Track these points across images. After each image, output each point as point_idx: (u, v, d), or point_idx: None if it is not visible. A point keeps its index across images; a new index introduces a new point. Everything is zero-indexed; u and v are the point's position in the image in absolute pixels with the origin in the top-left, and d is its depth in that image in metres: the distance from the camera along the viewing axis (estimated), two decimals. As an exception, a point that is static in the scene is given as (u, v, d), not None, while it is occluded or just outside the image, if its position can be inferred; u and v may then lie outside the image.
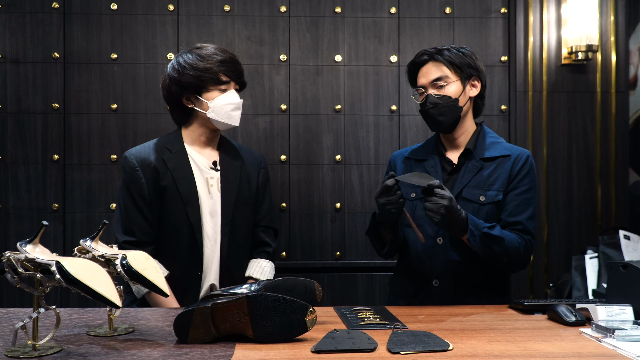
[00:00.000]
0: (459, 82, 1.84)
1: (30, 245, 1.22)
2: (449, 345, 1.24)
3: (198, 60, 1.92)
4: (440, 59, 1.85)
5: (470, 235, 1.68)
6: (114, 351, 1.23)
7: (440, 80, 1.83)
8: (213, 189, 1.97)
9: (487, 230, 1.70)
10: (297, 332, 1.29)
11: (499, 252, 1.71)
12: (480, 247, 1.70)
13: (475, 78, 1.87)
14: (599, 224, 2.81)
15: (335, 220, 2.79)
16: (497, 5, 2.84)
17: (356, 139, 2.81)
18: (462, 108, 1.84)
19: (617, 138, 2.82)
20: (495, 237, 1.70)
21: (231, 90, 1.97)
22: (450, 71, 1.84)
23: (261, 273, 2.02)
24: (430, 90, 1.85)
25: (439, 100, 1.82)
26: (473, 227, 1.68)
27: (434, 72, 1.85)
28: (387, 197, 1.68)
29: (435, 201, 1.62)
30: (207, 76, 1.91)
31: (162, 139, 2.03)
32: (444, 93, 1.83)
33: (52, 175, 2.71)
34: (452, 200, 1.63)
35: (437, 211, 1.61)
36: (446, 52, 1.85)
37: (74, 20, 2.73)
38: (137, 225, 1.91)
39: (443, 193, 1.62)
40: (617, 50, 2.82)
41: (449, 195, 1.63)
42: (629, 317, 1.42)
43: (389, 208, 1.68)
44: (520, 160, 1.83)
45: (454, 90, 1.83)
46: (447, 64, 1.84)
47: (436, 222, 1.63)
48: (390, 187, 1.67)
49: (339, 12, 2.80)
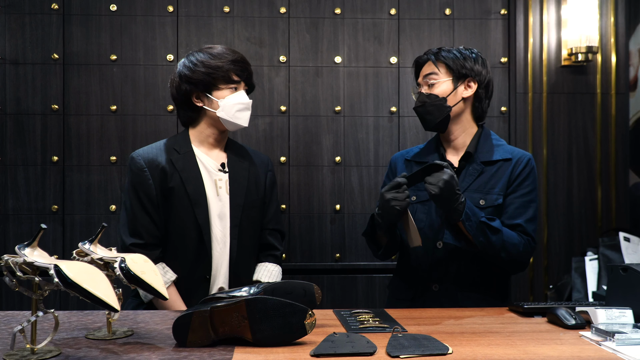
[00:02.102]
0: (450, 82, 1.84)
1: (28, 249, 1.22)
2: (449, 349, 1.24)
3: (210, 59, 1.92)
4: (434, 58, 1.86)
5: (466, 219, 1.68)
6: (113, 355, 1.23)
7: (431, 75, 1.85)
8: (222, 191, 1.95)
9: (485, 219, 1.70)
10: (296, 336, 1.29)
11: (497, 243, 1.70)
12: (475, 233, 1.69)
13: (470, 79, 1.86)
14: (599, 226, 2.80)
15: (335, 222, 2.79)
16: (497, 6, 2.84)
17: (356, 141, 2.80)
18: (450, 108, 1.84)
19: (617, 139, 2.82)
20: (493, 228, 1.70)
21: (241, 90, 1.96)
22: (441, 70, 1.85)
23: (269, 277, 2.00)
24: (422, 89, 1.87)
25: (427, 98, 1.84)
26: (470, 212, 1.69)
27: (426, 70, 1.88)
28: (395, 194, 1.68)
29: (436, 175, 1.66)
30: (219, 74, 1.91)
31: (170, 140, 2.00)
32: (431, 92, 1.84)
33: (52, 177, 2.71)
34: (454, 178, 1.66)
35: (436, 184, 1.65)
36: (445, 52, 1.86)
37: (73, 21, 2.72)
38: (144, 227, 1.88)
39: (446, 170, 1.66)
40: (617, 52, 2.82)
41: (451, 173, 1.66)
42: (629, 320, 1.42)
43: (394, 205, 1.68)
44: (521, 163, 1.82)
45: (443, 90, 1.84)
46: (440, 63, 1.85)
47: (433, 194, 1.66)
48: (401, 184, 1.69)
49: (339, 13, 2.80)
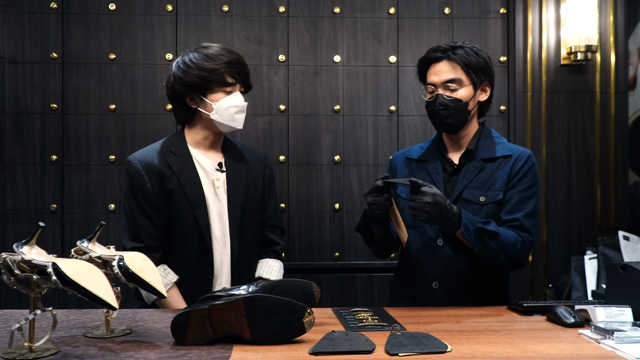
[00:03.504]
0: (471, 87, 1.81)
1: (26, 247, 1.22)
2: (448, 347, 1.24)
3: (204, 60, 1.87)
4: (455, 59, 1.80)
5: (465, 229, 1.66)
6: (111, 353, 1.23)
7: (454, 83, 1.79)
8: (220, 191, 1.94)
9: (481, 225, 1.69)
10: (294, 334, 1.29)
11: (495, 248, 1.69)
12: (475, 242, 1.68)
13: (487, 83, 1.84)
14: (598, 225, 2.80)
15: (334, 221, 2.79)
16: (496, 5, 2.84)
17: (355, 140, 2.80)
18: (470, 112, 1.82)
19: (616, 138, 2.82)
20: (490, 232, 1.69)
21: (236, 92, 1.92)
22: (465, 75, 1.80)
23: (270, 273, 1.99)
24: (441, 90, 1.80)
25: (450, 102, 1.79)
26: (467, 221, 1.67)
27: (448, 72, 1.80)
28: (375, 197, 1.68)
29: (418, 199, 1.61)
30: (213, 77, 1.86)
31: (166, 141, 1.98)
32: (455, 96, 1.79)
33: (51, 176, 2.71)
34: (436, 195, 1.61)
35: (422, 209, 1.61)
36: (461, 51, 1.80)
37: (72, 20, 2.72)
38: (144, 230, 1.87)
39: (426, 190, 1.61)
40: (616, 51, 2.82)
41: (433, 191, 1.61)
42: (628, 318, 1.42)
43: (374, 209, 1.69)
44: (521, 159, 1.81)
45: (466, 94, 1.80)
46: (463, 66, 1.79)
47: (423, 220, 1.63)
48: (380, 188, 1.67)
49: (338, 12, 2.80)
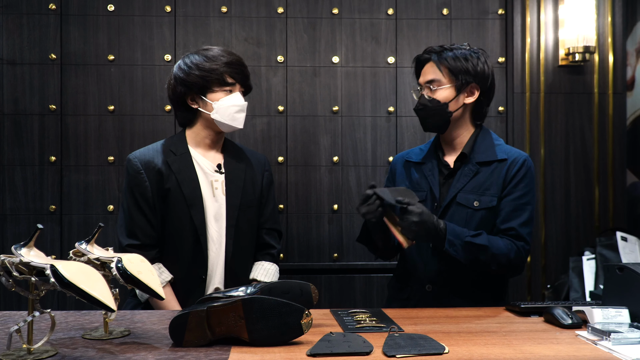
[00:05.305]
0: (452, 89, 1.81)
1: (25, 249, 1.22)
2: (445, 349, 1.24)
3: (204, 61, 1.93)
4: (437, 60, 1.82)
5: (449, 246, 1.66)
6: (109, 354, 1.23)
7: (433, 83, 1.83)
8: (218, 192, 1.96)
9: (470, 239, 1.68)
10: (292, 335, 1.29)
11: (486, 260, 1.70)
12: (463, 256, 1.68)
13: (474, 86, 1.82)
14: (597, 225, 2.81)
15: (333, 222, 2.79)
16: (494, 6, 2.84)
17: (353, 141, 2.81)
18: (451, 113, 1.81)
19: (614, 139, 2.82)
20: (479, 246, 1.68)
21: (236, 92, 1.97)
22: (445, 76, 1.81)
23: (265, 275, 2.01)
24: (425, 91, 1.85)
25: (428, 103, 1.82)
26: (452, 236, 1.67)
27: (429, 73, 1.84)
28: (367, 207, 1.68)
29: (405, 219, 1.62)
30: (213, 77, 1.92)
31: (167, 141, 2.02)
32: (434, 96, 1.82)
33: (49, 177, 2.71)
34: (423, 214, 1.62)
35: (409, 228, 1.62)
36: (448, 53, 1.81)
37: (70, 21, 2.72)
38: (140, 228, 1.90)
39: (412, 209, 1.62)
40: (614, 52, 2.82)
41: (419, 210, 1.62)
42: (625, 319, 1.42)
43: (369, 218, 1.69)
44: (516, 164, 1.79)
45: (445, 96, 1.81)
46: (444, 67, 1.81)
47: (411, 238, 1.64)
48: (369, 197, 1.67)
49: (336, 13, 2.80)
